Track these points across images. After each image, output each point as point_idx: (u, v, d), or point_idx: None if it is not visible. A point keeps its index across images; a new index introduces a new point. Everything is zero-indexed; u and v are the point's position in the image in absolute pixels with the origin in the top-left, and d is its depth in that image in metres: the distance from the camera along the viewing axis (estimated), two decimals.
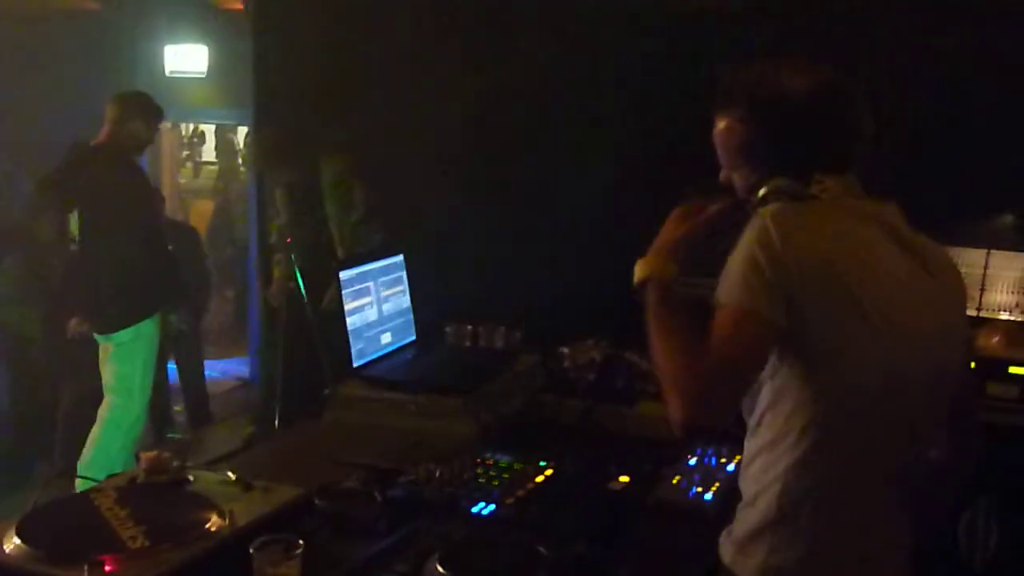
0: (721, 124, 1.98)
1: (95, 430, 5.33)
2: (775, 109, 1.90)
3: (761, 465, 1.83)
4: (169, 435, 6.76)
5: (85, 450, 5.30)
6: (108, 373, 5.38)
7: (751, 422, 1.89)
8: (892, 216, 1.92)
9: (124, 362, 5.33)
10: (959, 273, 2.08)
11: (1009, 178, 4.33)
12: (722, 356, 1.74)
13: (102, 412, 5.36)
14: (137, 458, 2.16)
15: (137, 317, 5.26)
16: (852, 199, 1.89)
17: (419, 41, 5.44)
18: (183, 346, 6.90)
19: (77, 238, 5.30)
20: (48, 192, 5.37)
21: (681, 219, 2.11)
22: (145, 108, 5.59)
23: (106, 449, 5.32)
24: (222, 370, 7.68)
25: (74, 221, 5.36)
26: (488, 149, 5.19)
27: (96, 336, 5.35)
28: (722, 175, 2.04)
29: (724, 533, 1.92)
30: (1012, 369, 3.54)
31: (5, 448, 6.25)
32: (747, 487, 1.87)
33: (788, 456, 1.78)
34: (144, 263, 5.20)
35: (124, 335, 5.26)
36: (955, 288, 2.04)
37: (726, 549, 1.89)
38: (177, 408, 7.11)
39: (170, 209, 8.63)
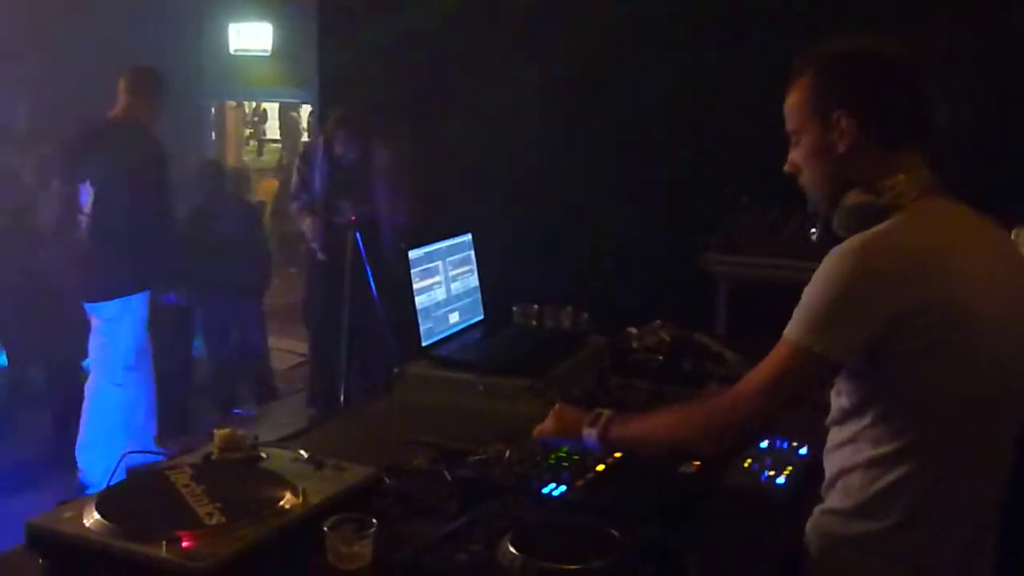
0: (796, 92, 1.94)
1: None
2: (855, 64, 1.88)
3: (866, 476, 1.83)
4: (235, 411, 6.86)
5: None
6: (92, 348, 5.38)
7: (840, 419, 1.90)
8: (971, 213, 1.90)
9: (107, 337, 5.30)
10: None
11: None
12: (768, 389, 1.84)
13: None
14: (211, 436, 2.18)
15: (125, 291, 5.22)
16: (931, 199, 1.85)
17: (481, 24, 5.44)
18: (248, 323, 6.98)
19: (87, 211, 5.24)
20: (60, 163, 5.45)
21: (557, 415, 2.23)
22: (156, 82, 5.60)
23: (90, 433, 5.30)
24: (287, 347, 7.73)
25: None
26: (556, 133, 5.19)
27: (84, 305, 5.31)
28: (788, 165, 2.00)
29: (817, 527, 1.93)
30: None
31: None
32: (847, 496, 1.87)
33: (895, 473, 1.80)
34: (142, 238, 5.16)
35: (110, 308, 5.22)
36: None
37: (822, 552, 1.90)
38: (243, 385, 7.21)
39: (233, 185, 8.71)
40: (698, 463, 2.23)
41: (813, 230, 1.95)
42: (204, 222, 6.67)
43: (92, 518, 1.76)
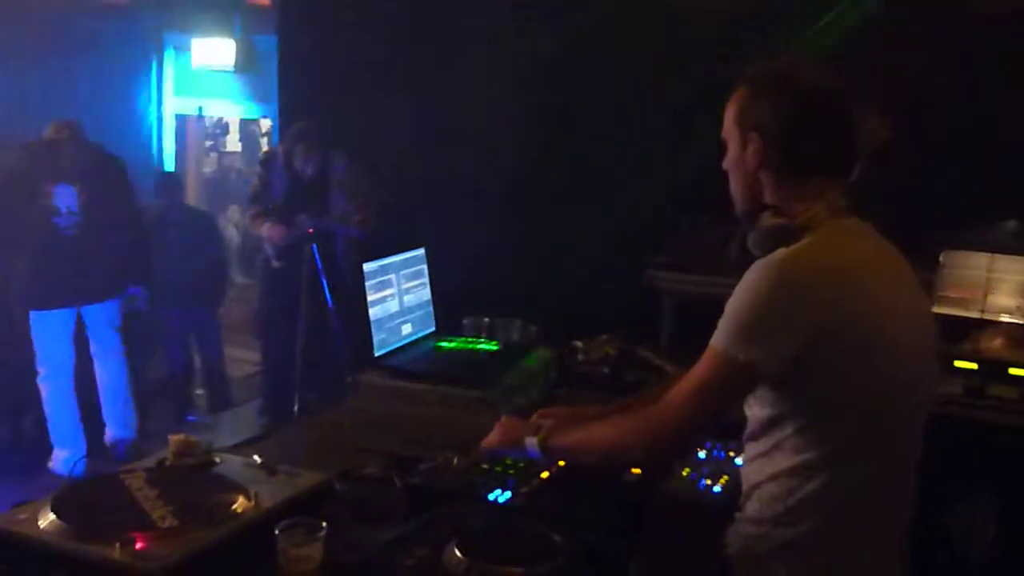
0: (730, 104, 1.97)
1: None
2: (778, 93, 1.88)
3: (787, 485, 1.85)
4: (189, 418, 6.80)
5: None
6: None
7: (758, 433, 1.92)
8: (875, 234, 1.94)
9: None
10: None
11: (1012, 186, 4.34)
12: (696, 397, 1.84)
13: None
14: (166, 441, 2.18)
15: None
16: (841, 220, 1.88)
17: (438, 43, 5.45)
18: (204, 332, 6.93)
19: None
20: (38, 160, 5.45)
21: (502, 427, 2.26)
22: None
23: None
24: (241, 356, 7.67)
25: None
26: (511, 154, 5.21)
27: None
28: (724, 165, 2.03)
29: (737, 541, 1.95)
30: (1012, 371, 3.54)
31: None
32: (770, 506, 1.89)
33: (817, 480, 1.82)
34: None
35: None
36: (927, 301, 2.09)
37: (744, 560, 1.92)
38: (198, 392, 7.15)
39: (192, 198, 8.65)
40: (638, 471, 2.26)
41: (730, 250, 1.98)
42: (161, 231, 6.61)
43: (47, 519, 1.75)
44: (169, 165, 9.19)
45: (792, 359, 1.76)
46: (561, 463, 2.22)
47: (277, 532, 1.74)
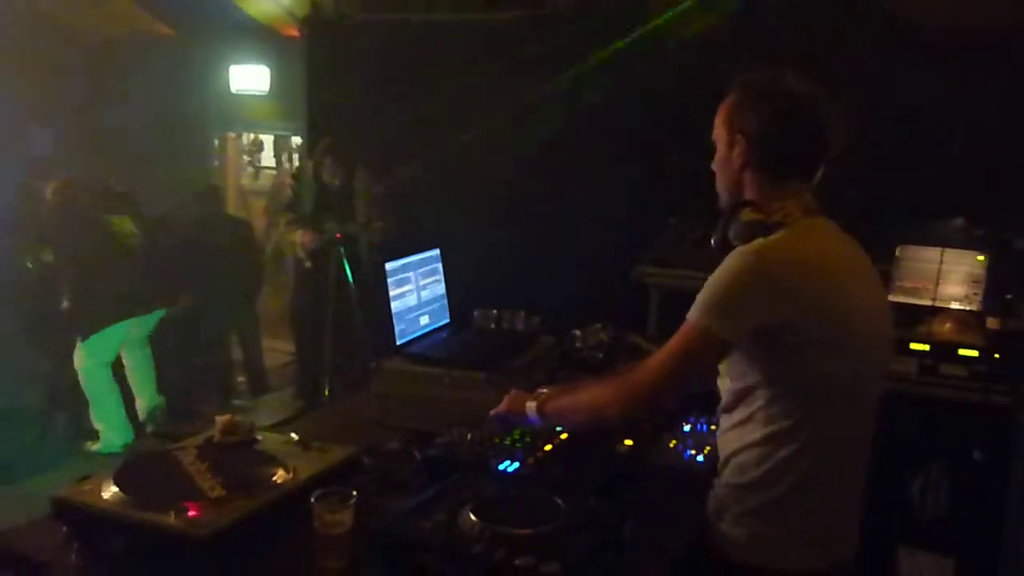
0: (721, 109, 1.97)
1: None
2: (762, 101, 1.89)
3: (757, 454, 1.86)
4: (233, 401, 6.81)
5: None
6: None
7: (732, 405, 1.92)
8: (841, 232, 1.94)
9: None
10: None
11: (959, 187, 4.34)
12: (670, 363, 1.84)
13: None
14: (214, 422, 2.19)
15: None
16: (812, 219, 1.89)
17: (449, 68, 5.46)
18: (243, 326, 6.94)
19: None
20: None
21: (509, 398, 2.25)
22: None
23: None
24: (276, 347, 7.68)
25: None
26: (511, 165, 5.22)
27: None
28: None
29: (715, 503, 1.95)
30: (961, 351, 3.54)
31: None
32: (743, 472, 1.89)
33: (787, 448, 1.83)
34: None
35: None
36: (885, 292, 2.10)
37: (723, 520, 1.93)
38: (240, 379, 7.16)
39: (232, 207, 8.65)
40: (631, 443, 2.26)
41: (712, 240, 1.98)
42: (203, 237, 6.63)
43: (110, 491, 1.76)
44: (213, 178, 9.20)
45: (759, 335, 1.77)
46: (563, 435, 2.23)
47: (312, 500, 1.74)
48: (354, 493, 1.77)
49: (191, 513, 1.67)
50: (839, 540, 1.94)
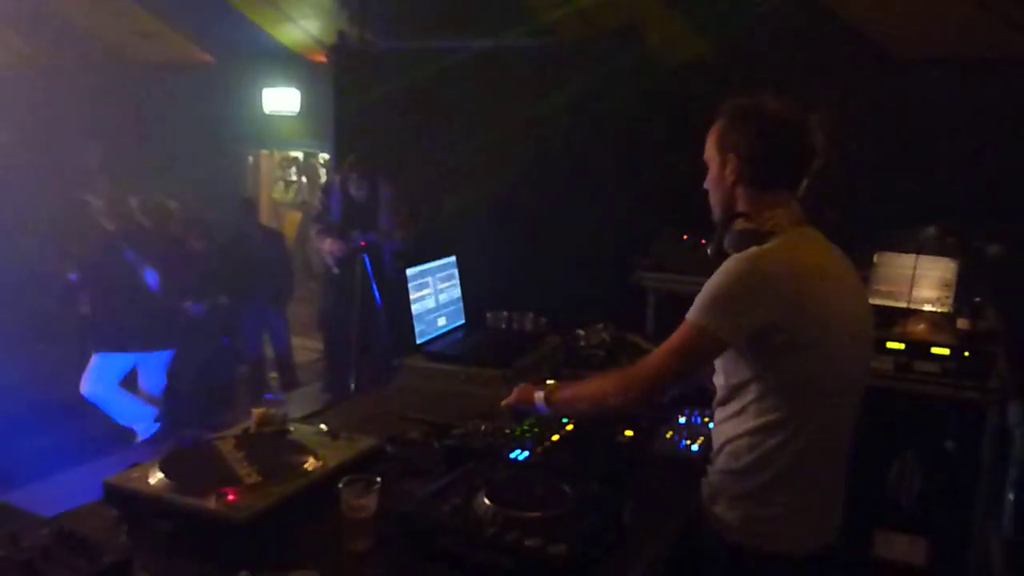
0: (711, 132, 1.96)
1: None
2: (750, 121, 1.88)
3: (749, 443, 1.85)
4: (266, 396, 6.82)
5: None
6: None
7: (727, 399, 1.91)
8: (825, 240, 1.93)
9: None
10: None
11: (932, 199, 4.34)
12: (669, 357, 1.84)
13: None
14: (250, 414, 2.19)
15: None
16: (799, 227, 1.88)
17: (464, 91, 5.47)
18: (274, 327, 6.95)
19: None
20: None
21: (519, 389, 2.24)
22: None
23: None
24: (306, 345, 7.69)
25: None
26: (521, 180, 5.23)
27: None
28: (705, 183, 2.01)
29: (710, 489, 1.94)
30: (934, 350, 3.54)
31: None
32: (736, 459, 1.88)
33: (777, 437, 1.82)
34: None
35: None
36: (867, 296, 2.09)
37: (717, 504, 1.92)
38: (272, 375, 7.17)
39: (265, 218, 8.67)
40: (631, 433, 2.26)
41: (709, 251, 1.98)
42: (240, 246, 6.65)
43: (156, 477, 1.77)
44: (248, 192, 9.23)
45: (753, 335, 1.76)
46: (568, 426, 2.23)
47: (340, 486, 1.74)
48: (378, 479, 1.78)
49: (230, 498, 1.68)
50: (825, 522, 1.93)
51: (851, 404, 1.92)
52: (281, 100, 8.91)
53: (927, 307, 3.78)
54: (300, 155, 11.44)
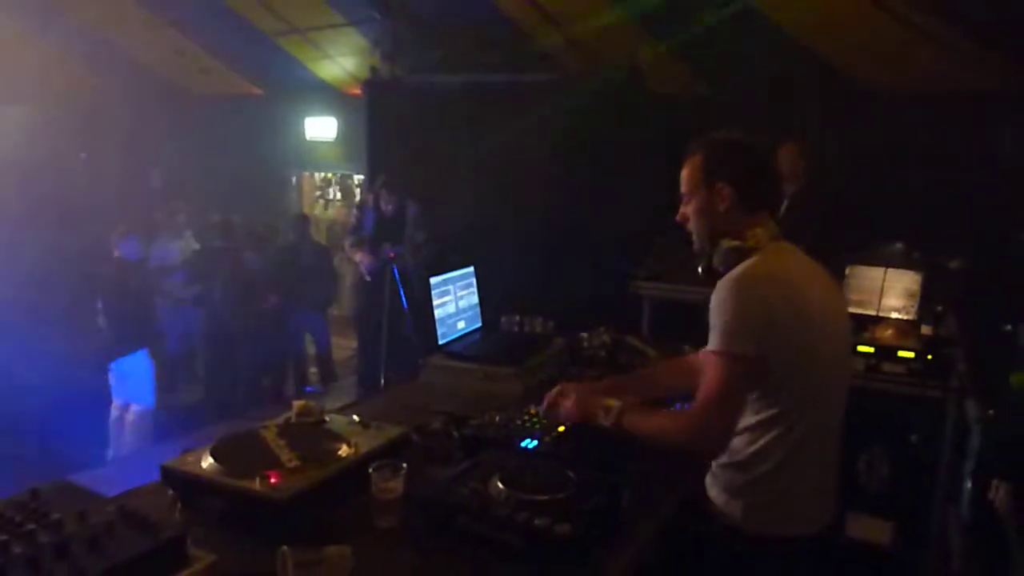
0: (689, 166, 1.93)
1: None
2: (734, 151, 1.87)
3: (749, 438, 1.82)
4: (307, 389, 6.84)
5: None
6: None
7: None
8: (802, 253, 1.91)
9: None
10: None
11: (900, 219, 4.31)
12: (722, 401, 1.73)
13: None
14: (291, 406, 2.19)
15: None
16: (778, 243, 1.87)
17: (480, 122, 5.49)
18: (316, 328, 6.97)
19: None
20: None
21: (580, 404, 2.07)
22: None
23: None
24: (342, 344, 7.72)
25: None
26: (532, 199, 5.23)
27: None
28: (679, 216, 1.97)
29: (713, 481, 1.90)
30: (900, 353, 3.51)
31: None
32: (736, 453, 1.84)
33: (773, 431, 1.79)
34: None
35: None
36: (846, 303, 2.06)
37: (720, 496, 1.88)
38: (312, 371, 7.19)
39: (314, 234, 8.72)
40: None
41: (700, 268, 1.95)
42: (294, 256, 6.70)
43: (207, 462, 1.77)
44: (294, 209, 9.27)
45: (764, 341, 1.72)
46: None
47: (371, 470, 1.74)
48: (404, 465, 1.78)
49: (272, 480, 1.67)
50: (821, 508, 1.90)
51: (841, 399, 1.89)
52: (321, 128, 8.95)
53: (894, 315, 3.75)
54: (337, 176, 11.49)
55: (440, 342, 2.87)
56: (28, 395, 4.45)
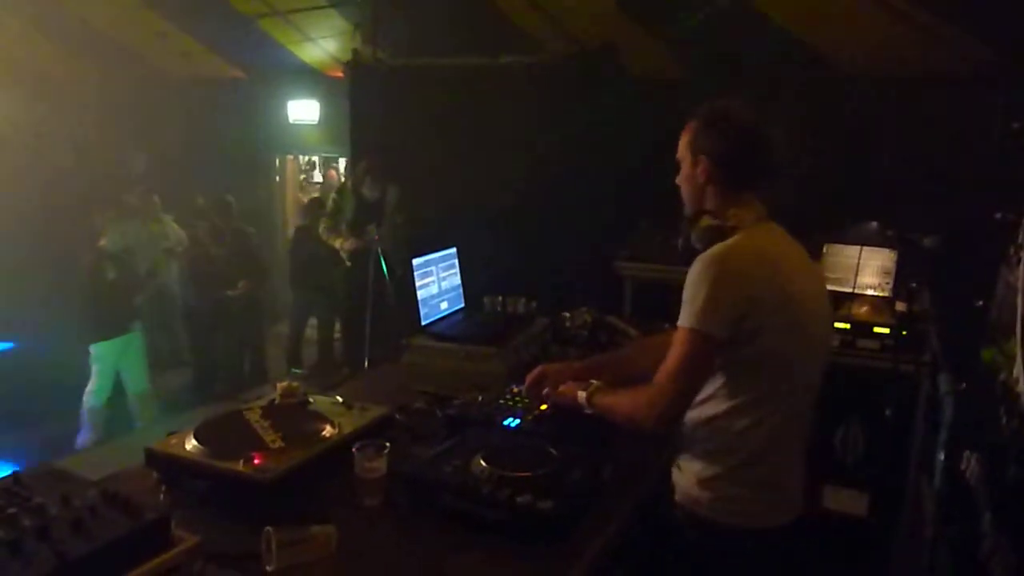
0: (684, 133, 1.88)
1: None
2: (721, 126, 1.81)
3: (721, 426, 1.76)
4: (294, 370, 6.81)
5: None
6: None
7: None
8: (786, 233, 1.86)
9: None
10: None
11: (875, 198, 4.34)
12: (680, 374, 1.69)
13: None
14: (275, 387, 2.18)
15: None
16: (761, 223, 1.81)
17: (460, 106, 5.45)
18: (322, 313, 6.96)
19: None
20: None
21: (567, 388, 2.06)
22: None
23: None
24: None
25: None
26: (515, 181, 5.21)
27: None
28: (677, 179, 1.92)
29: (681, 470, 1.85)
30: (876, 329, 3.54)
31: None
32: (707, 442, 1.78)
33: (745, 420, 1.73)
34: None
35: None
36: (825, 283, 2.01)
37: (687, 486, 1.82)
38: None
39: (292, 215, 8.65)
40: None
41: (679, 245, 1.92)
42: (305, 243, 6.68)
43: (191, 443, 1.76)
44: (274, 193, 9.18)
45: (735, 325, 1.67)
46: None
47: (354, 450, 1.74)
48: (387, 444, 1.78)
49: (257, 461, 1.67)
50: (792, 498, 1.84)
51: (815, 385, 1.83)
52: (303, 111, 8.86)
53: (870, 292, 3.78)
54: (319, 159, 11.40)
55: (423, 323, 2.85)
56: None
